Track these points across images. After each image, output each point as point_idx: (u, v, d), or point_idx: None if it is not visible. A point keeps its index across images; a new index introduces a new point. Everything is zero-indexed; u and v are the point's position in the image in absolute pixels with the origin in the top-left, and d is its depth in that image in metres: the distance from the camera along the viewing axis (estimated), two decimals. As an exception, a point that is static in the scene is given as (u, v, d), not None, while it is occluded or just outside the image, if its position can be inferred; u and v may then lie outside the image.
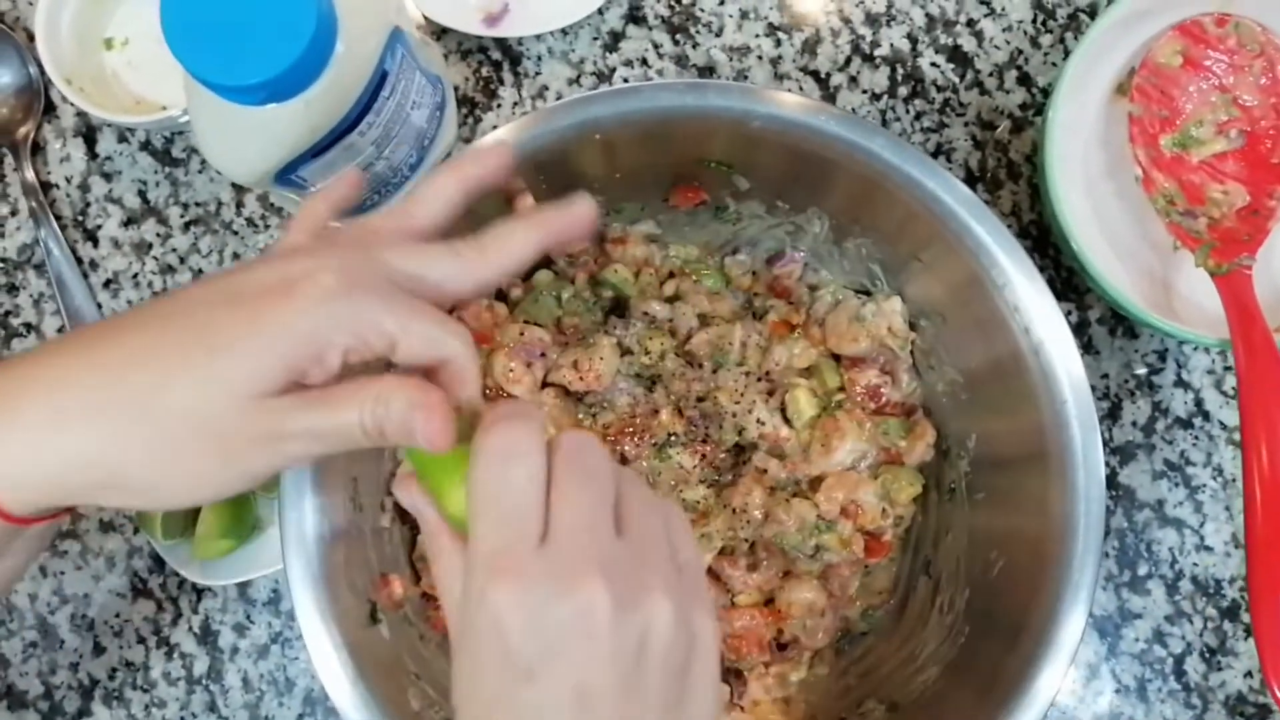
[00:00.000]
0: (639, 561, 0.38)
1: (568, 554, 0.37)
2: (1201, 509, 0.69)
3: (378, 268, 0.41)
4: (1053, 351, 0.55)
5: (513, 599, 0.36)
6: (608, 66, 0.71)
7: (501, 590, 0.36)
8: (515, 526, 0.38)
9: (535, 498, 0.38)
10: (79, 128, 0.72)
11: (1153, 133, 0.66)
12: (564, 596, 0.36)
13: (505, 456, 0.38)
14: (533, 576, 0.37)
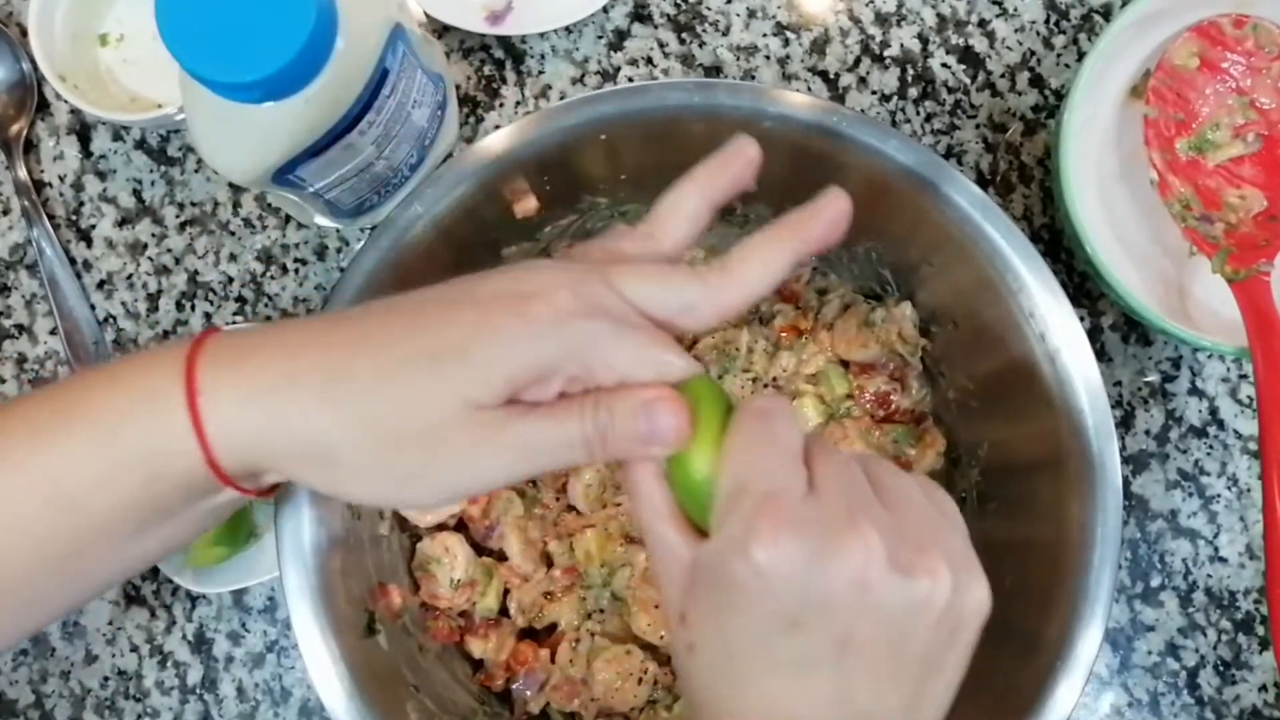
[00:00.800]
0: (910, 527, 0.38)
1: (839, 504, 0.36)
2: (1216, 519, 0.68)
3: (615, 293, 0.39)
4: (1069, 358, 0.53)
5: (784, 546, 0.35)
6: (612, 65, 0.70)
7: (772, 536, 0.35)
8: (782, 475, 0.37)
9: (798, 457, 0.37)
10: (73, 125, 0.71)
11: (1168, 136, 0.64)
12: (838, 546, 0.35)
13: (770, 413, 0.38)
14: (805, 524, 0.36)
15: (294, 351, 0.39)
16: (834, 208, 0.43)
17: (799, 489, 0.37)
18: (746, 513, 0.36)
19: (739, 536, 0.36)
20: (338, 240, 0.70)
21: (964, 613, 0.38)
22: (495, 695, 0.62)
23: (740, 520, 0.36)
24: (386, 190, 0.64)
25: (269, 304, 0.70)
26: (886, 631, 0.36)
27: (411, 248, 0.55)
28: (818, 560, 0.35)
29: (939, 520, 0.39)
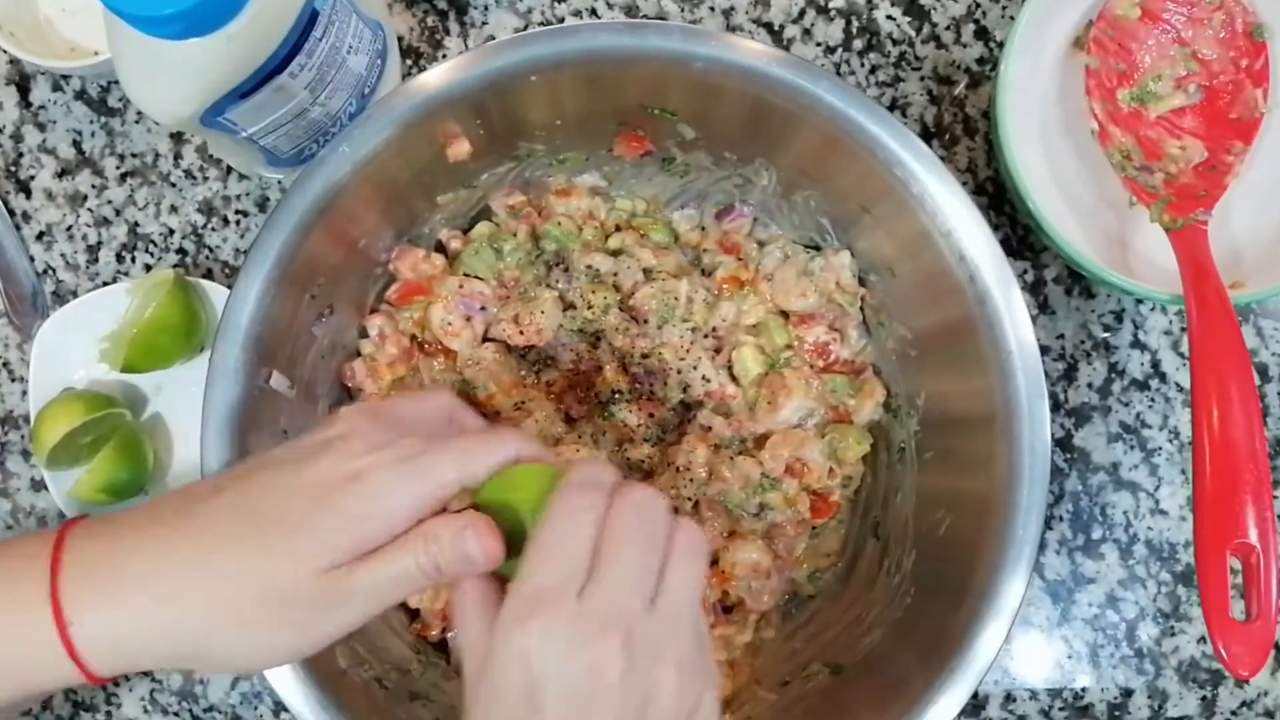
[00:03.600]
0: (662, 631, 0.41)
1: (601, 610, 0.40)
2: (1157, 472, 0.68)
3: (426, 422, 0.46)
4: (998, 301, 0.54)
5: (542, 636, 0.39)
6: (556, 16, 0.69)
7: (534, 625, 0.39)
8: (563, 573, 0.41)
9: (588, 554, 0.41)
10: (11, 75, 0.70)
11: (1110, 87, 0.64)
12: (585, 646, 0.39)
13: (576, 513, 0.42)
14: (566, 620, 0.39)
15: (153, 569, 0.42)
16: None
17: (573, 584, 0.40)
18: (517, 603, 0.40)
19: (507, 624, 0.40)
20: (279, 191, 0.70)
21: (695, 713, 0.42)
22: (431, 645, 0.62)
23: (514, 608, 0.40)
24: (325, 138, 0.63)
25: (210, 255, 0.69)
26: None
27: (342, 191, 0.55)
28: (566, 654, 0.39)
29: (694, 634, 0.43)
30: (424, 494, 0.42)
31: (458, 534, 0.42)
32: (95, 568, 0.42)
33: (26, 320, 0.69)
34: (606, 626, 0.40)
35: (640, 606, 0.41)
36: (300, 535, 0.41)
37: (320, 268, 0.57)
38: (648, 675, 0.40)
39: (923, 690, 0.53)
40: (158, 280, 0.65)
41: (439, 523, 0.42)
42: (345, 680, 0.54)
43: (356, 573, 0.42)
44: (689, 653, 0.42)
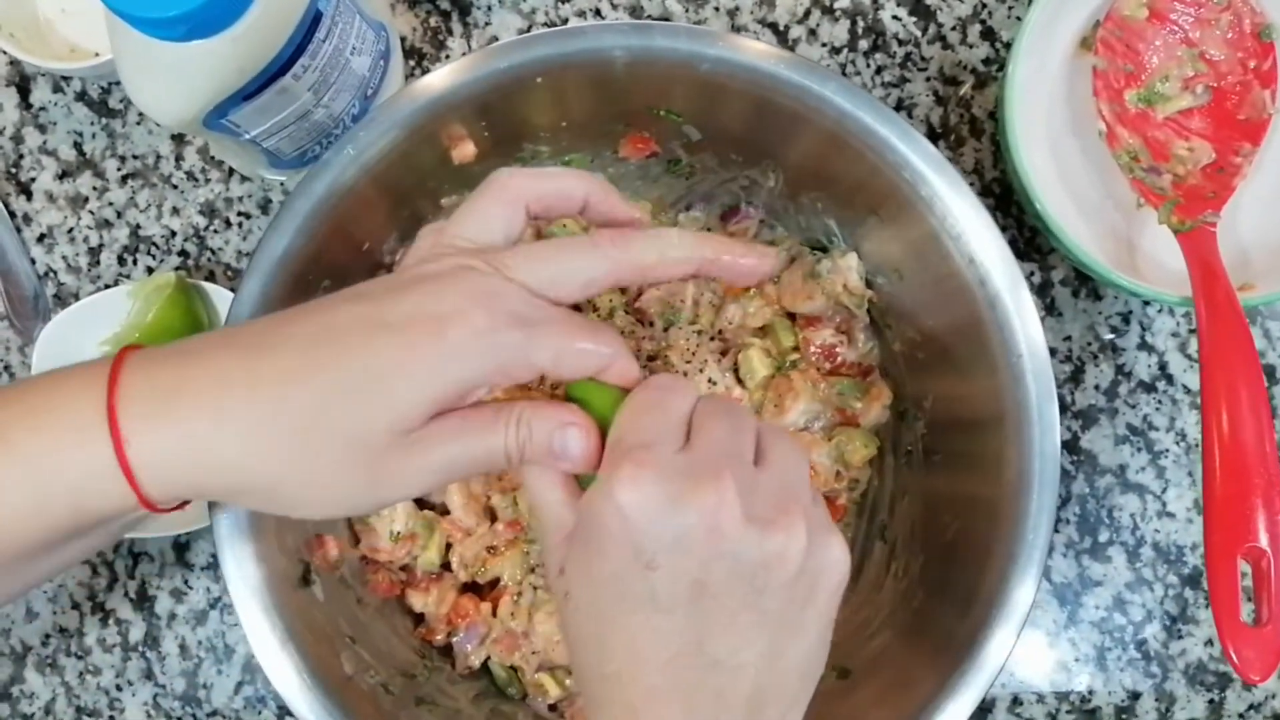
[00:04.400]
0: (776, 487, 0.39)
1: (704, 460, 0.38)
2: (1164, 474, 0.68)
3: (520, 289, 0.41)
4: (1008, 304, 0.53)
5: (645, 490, 0.37)
6: (560, 17, 0.69)
7: (636, 480, 0.37)
8: (659, 431, 0.39)
9: (681, 420, 0.40)
10: (11, 77, 0.70)
11: (1117, 87, 0.64)
12: (694, 493, 0.37)
13: (660, 385, 0.41)
14: (667, 472, 0.38)
15: (219, 392, 0.39)
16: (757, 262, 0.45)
17: (672, 443, 0.39)
18: (616, 459, 0.39)
19: (605, 481, 0.38)
20: (281, 194, 0.69)
21: (820, 573, 0.40)
22: (436, 649, 0.62)
23: (608, 466, 0.39)
24: (328, 141, 0.63)
25: (212, 258, 0.69)
26: (741, 582, 0.38)
27: (346, 193, 0.54)
28: (674, 503, 0.37)
29: (807, 489, 0.41)
30: (507, 368, 0.40)
31: (557, 430, 0.40)
32: (157, 389, 0.39)
33: (28, 323, 0.69)
34: (716, 471, 0.38)
35: (747, 462, 0.39)
36: (378, 391, 0.38)
37: (324, 270, 0.56)
38: (771, 525, 0.38)
39: (931, 695, 0.53)
40: (160, 283, 0.65)
41: (535, 411, 0.40)
42: (351, 686, 0.54)
43: (436, 447, 0.40)
44: (811, 507, 0.40)
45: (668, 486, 0.37)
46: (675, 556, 0.37)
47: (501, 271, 0.41)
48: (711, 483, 0.37)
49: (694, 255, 0.44)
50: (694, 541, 0.37)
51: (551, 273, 0.41)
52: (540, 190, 0.44)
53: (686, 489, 0.37)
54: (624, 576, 0.38)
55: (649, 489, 0.37)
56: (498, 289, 0.40)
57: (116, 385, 0.39)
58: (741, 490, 0.38)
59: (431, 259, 0.42)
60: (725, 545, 0.37)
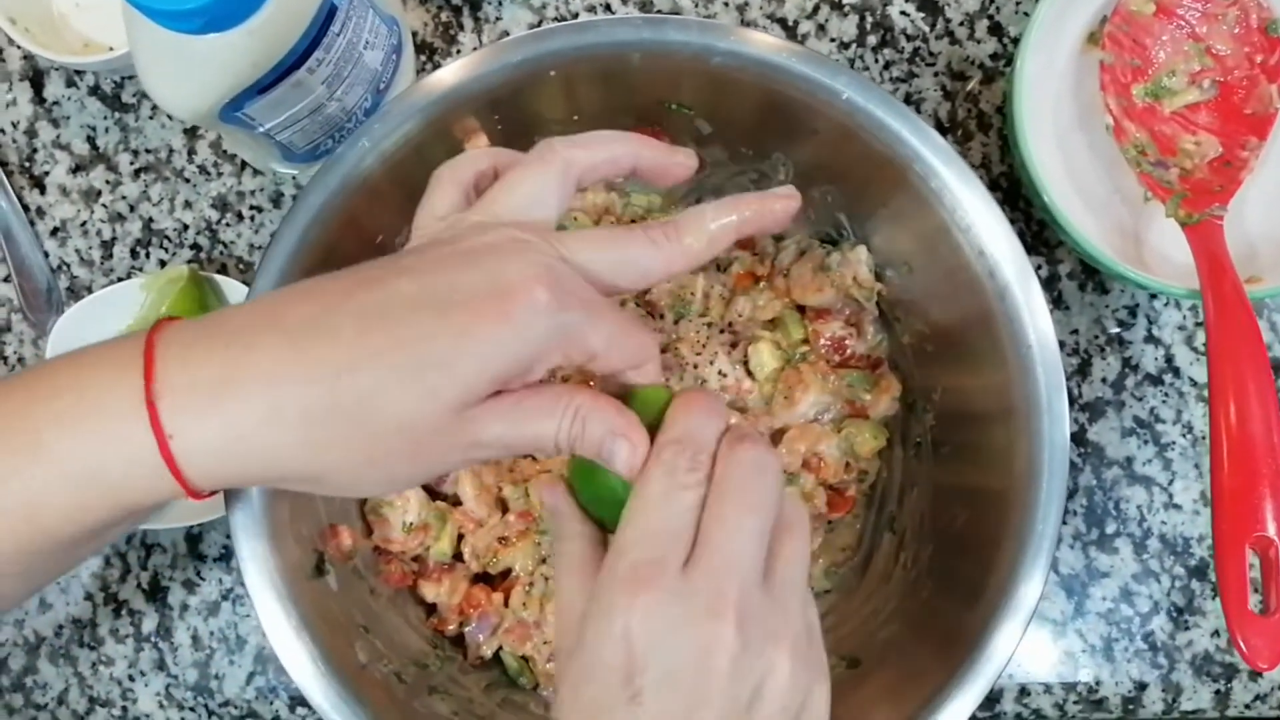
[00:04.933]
0: (775, 613, 0.38)
1: (710, 585, 0.37)
2: (1170, 466, 0.68)
3: (576, 269, 0.40)
4: (1018, 296, 0.53)
5: (644, 615, 0.36)
6: (570, 11, 0.69)
7: (637, 603, 0.37)
8: (666, 544, 0.38)
9: (692, 521, 0.38)
10: (25, 71, 0.70)
11: (1125, 82, 0.64)
12: (695, 627, 0.36)
13: (677, 475, 0.39)
14: (670, 597, 0.37)
15: (271, 385, 0.38)
16: (782, 202, 0.44)
17: (681, 550, 0.38)
18: (618, 579, 0.37)
19: (604, 602, 0.37)
20: (294, 187, 0.70)
21: (805, 709, 0.39)
22: (448, 639, 0.62)
23: (610, 586, 0.38)
24: (341, 135, 0.64)
25: (224, 251, 0.69)
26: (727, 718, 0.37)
27: (360, 186, 0.55)
28: (671, 633, 0.36)
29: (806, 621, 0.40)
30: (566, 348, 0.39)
31: (611, 435, 0.39)
32: (199, 381, 0.38)
33: (41, 316, 0.69)
34: (717, 605, 0.37)
35: (753, 584, 0.38)
36: (438, 370, 0.37)
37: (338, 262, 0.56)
38: (760, 661, 0.37)
39: (939, 686, 0.53)
40: (172, 276, 0.65)
41: (594, 408, 0.39)
42: (364, 674, 0.54)
43: (491, 425, 0.38)
44: (801, 638, 0.39)
45: (669, 613, 0.37)
46: (662, 692, 0.36)
47: (559, 250, 0.40)
48: (713, 620, 0.36)
49: (734, 224, 0.43)
50: (684, 678, 0.36)
51: (610, 260, 0.41)
52: (592, 160, 0.43)
53: (688, 621, 0.36)
54: (609, 706, 0.37)
55: (650, 616, 0.36)
56: (559, 267, 0.39)
57: (153, 373, 0.38)
58: (740, 623, 0.37)
59: (479, 231, 0.41)
60: (713, 686, 0.36)
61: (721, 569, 0.37)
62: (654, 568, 0.37)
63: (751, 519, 0.39)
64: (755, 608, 0.38)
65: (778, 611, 0.38)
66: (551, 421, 0.39)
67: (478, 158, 0.45)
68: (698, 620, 0.36)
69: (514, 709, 0.60)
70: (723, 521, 0.38)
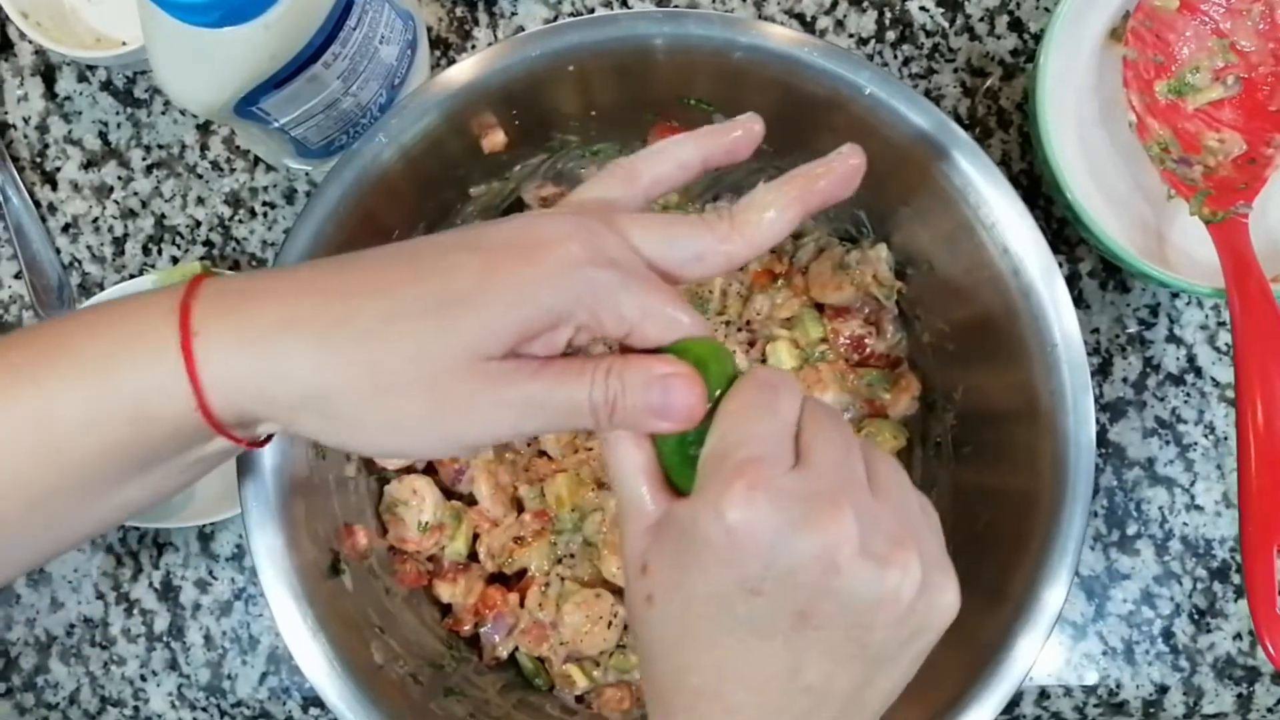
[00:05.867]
0: (893, 519, 0.37)
1: (823, 481, 0.36)
2: (1192, 467, 0.67)
3: (623, 242, 0.38)
4: (1043, 294, 0.53)
5: (759, 513, 0.35)
6: (586, 6, 0.69)
7: (749, 501, 0.35)
8: (772, 443, 0.36)
9: (792, 433, 0.37)
10: (37, 66, 0.70)
11: (1148, 78, 0.64)
12: (813, 523, 0.35)
13: (771, 385, 0.37)
14: (783, 495, 0.35)
15: (291, 297, 0.37)
16: (846, 164, 0.42)
17: (785, 460, 0.36)
18: (727, 474, 0.35)
19: (714, 495, 0.35)
20: (306, 183, 0.69)
21: (929, 615, 0.38)
22: (463, 640, 0.62)
23: (719, 481, 0.36)
24: (355, 130, 0.63)
25: (237, 248, 0.69)
26: (848, 616, 0.36)
27: (376, 182, 0.54)
28: (789, 531, 0.35)
29: (922, 519, 0.39)
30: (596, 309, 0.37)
31: (654, 379, 0.36)
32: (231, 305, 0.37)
33: (53, 313, 0.68)
34: (835, 501, 0.35)
35: (863, 486, 0.37)
36: (459, 306, 0.36)
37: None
38: (887, 561, 0.36)
39: (960, 690, 0.53)
40: (185, 272, 0.65)
41: (627, 362, 0.37)
42: (381, 675, 0.54)
43: (516, 382, 0.36)
44: (926, 535, 0.38)
45: (785, 512, 0.35)
46: (783, 587, 0.35)
47: (612, 224, 0.39)
48: (831, 513, 0.35)
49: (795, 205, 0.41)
50: (806, 574, 0.35)
51: (660, 238, 0.39)
52: (657, 172, 0.42)
53: (805, 517, 0.35)
54: (725, 597, 0.36)
55: (764, 512, 0.35)
56: (599, 230, 0.38)
57: (193, 294, 0.38)
58: (861, 521, 0.35)
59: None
60: (838, 581, 0.35)
61: (831, 471, 0.36)
62: (764, 465, 0.35)
63: (850, 437, 0.38)
64: (873, 508, 0.36)
65: (892, 512, 0.37)
66: (583, 383, 0.37)
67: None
68: (817, 515, 0.35)
69: (530, 710, 0.60)
70: (824, 431, 0.37)
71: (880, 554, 0.36)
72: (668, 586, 0.37)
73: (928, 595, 0.37)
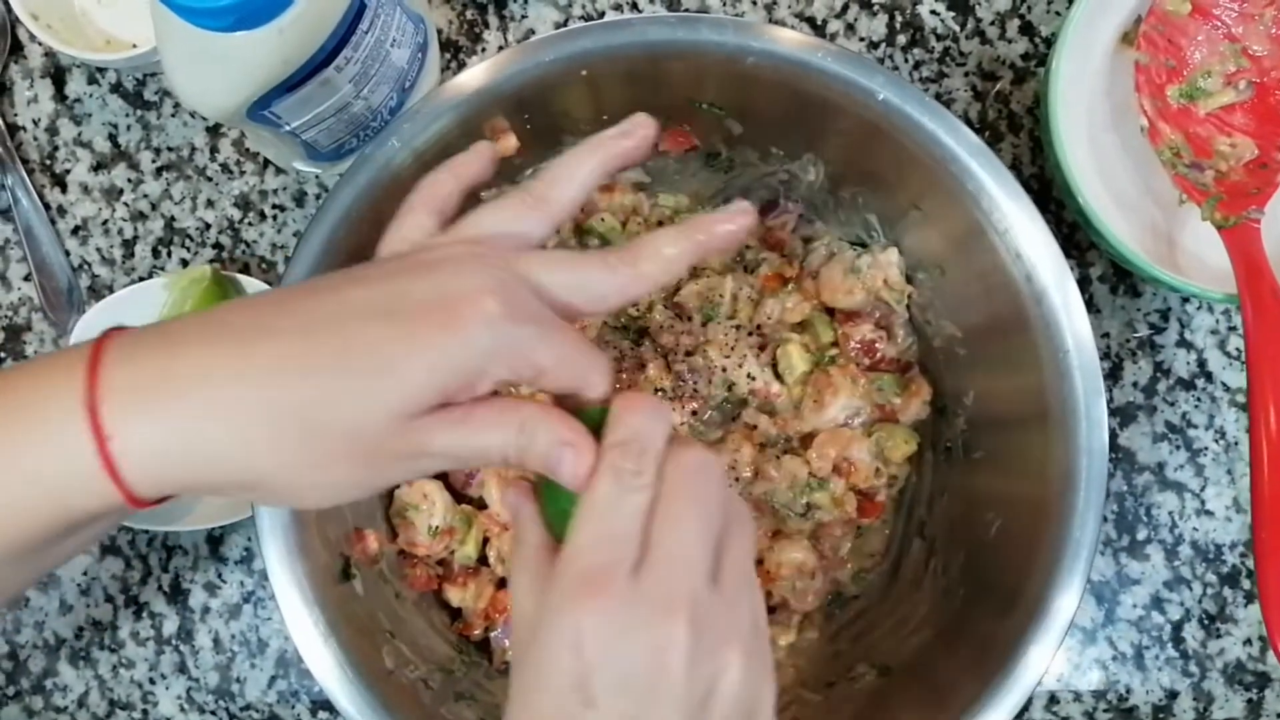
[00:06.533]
0: (726, 612, 0.38)
1: (661, 587, 0.37)
2: (1203, 472, 0.67)
3: (531, 288, 0.39)
4: (1056, 300, 0.53)
5: (596, 620, 0.36)
6: (596, 10, 0.69)
7: (588, 609, 0.36)
8: (616, 549, 0.37)
9: (640, 524, 0.38)
10: (47, 68, 0.70)
11: (1159, 83, 0.63)
12: (647, 629, 0.36)
13: (624, 477, 0.38)
14: (622, 601, 0.36)
15: (208, 382, 0.37)
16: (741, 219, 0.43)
17: (630, 555, 0.37)
18: (568, 583, 0.37)
19: (555, 605, 0.37)
20: (317, 186, 0.69)
21: (756, 708, 0.39)
22: (473, 644, 0.62)
23: (561, 589, 0.37)
24: (366, 134, 0.63)
25: (246, 250, 0.69)
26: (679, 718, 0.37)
27: (389, 185, 0.54)
28: (624, 638, 0.36)
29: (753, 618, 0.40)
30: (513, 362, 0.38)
31: (558, 446, 0.38)
32: (140, 380, 0.37)
33: (62, 315, 0.68)
34: (669, 606, 0.36)
35: (703, 584, 0.38)
36: (385, 376, 0.36)
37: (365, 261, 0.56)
38: (713, 661, 0.37)
39: (971, 699, 0.53)
40: (194, 275, 0.64)
41: (540, 418, 0.39)
42: (392, 680, 0.54)
43: (438, 435, 0.38)
44: (751, 637, 0.39)
45: (621, 619, 0.36)
46: (616, 697, 0.36)
47: (517, 270, 0.40)
48: (665, 621, 0.36)
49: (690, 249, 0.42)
50: (638, 682, 0.36)
51: (567, 281, 0.40)
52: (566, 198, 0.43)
53: (640, 623, 0.36)
54: (562, 708, 0.37)
55: (601, 622, 0.36)
56: (512, 282, 0.39)
57: (97, 377, 0.37)
58: (693, 625, 0.37)
59: (439, 246, 0.41)
60: (667, 687, 0.36)
61: (672, 571, 0.37)
62: (604, 572, 0.37)
63: (699, 521, 0.39)
64: (707, 607, 0.37)
65: (729, 610, 0.38)
66: (499, 433, 0.38)
67: (443, 180, 0.45)
68: (650, 622, 0.36)
69: (540, 715, 0.60)
70: (671, 523, 0.38)
71: (709, 651, 0.37)
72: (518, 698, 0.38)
73: (748, 690, 0.38)
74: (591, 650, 0.36)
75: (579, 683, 0.36)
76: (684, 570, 0.37)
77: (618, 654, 0.36)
